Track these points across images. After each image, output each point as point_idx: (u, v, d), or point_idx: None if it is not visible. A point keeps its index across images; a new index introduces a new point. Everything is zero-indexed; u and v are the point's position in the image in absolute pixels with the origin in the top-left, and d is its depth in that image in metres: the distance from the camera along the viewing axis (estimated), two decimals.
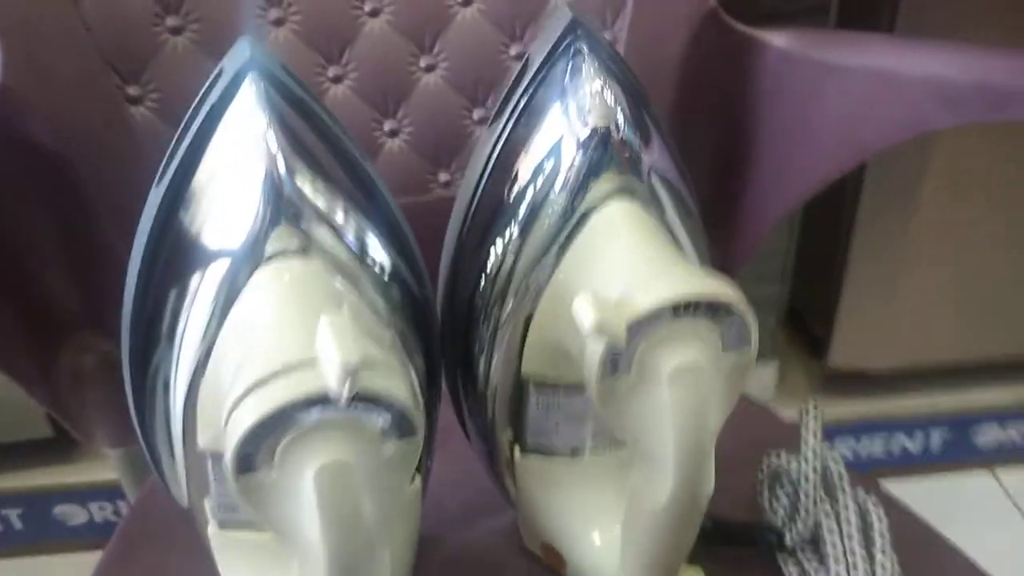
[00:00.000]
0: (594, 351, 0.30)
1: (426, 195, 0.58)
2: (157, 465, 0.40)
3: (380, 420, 0.28)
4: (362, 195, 0.36)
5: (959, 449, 1.11)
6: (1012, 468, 1.11)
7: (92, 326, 0.59)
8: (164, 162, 0.33)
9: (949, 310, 1.03)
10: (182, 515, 0.42)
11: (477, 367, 0.42)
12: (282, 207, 0.31)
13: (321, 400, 0.26)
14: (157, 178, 0.33)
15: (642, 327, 0.30)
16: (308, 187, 0.33)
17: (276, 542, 0.38)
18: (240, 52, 0.31)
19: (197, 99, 0.32)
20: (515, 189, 0.39)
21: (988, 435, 1.11)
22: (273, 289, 0.30)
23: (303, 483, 0.27)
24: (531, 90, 0.38)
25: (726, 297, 0.30)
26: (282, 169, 0.31)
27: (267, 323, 0.29)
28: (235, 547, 0.39)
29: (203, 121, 0.32)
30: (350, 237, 0.35)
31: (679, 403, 0.30)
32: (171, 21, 0.52)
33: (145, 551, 0.50)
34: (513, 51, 0.57)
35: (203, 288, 0.33)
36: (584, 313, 0.29)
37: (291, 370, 0.26)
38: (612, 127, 0.35)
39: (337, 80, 0.55)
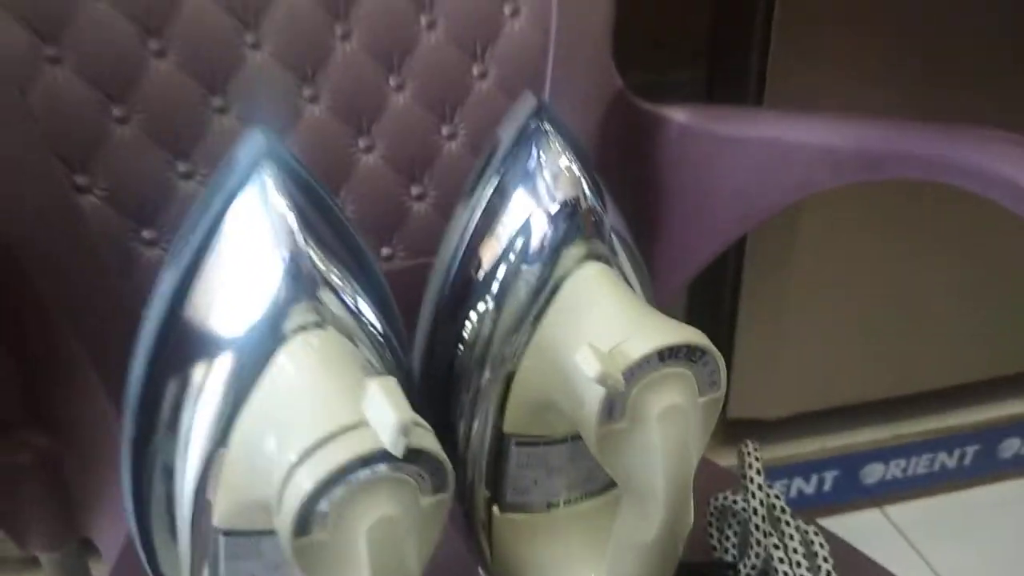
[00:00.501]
0: (594, 398, 0.34)
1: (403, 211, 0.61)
2: (149, 554, 0.40)
3: (419, 475, 0.30)
4: (355, 263, 0.39)
5: (849, 488, 1.20)
6: (898, 503, 1.20)
7: (32, 423, 0.58)
8: (177, 246, 0.35)
9: (831, 358, 1.12)
10: None
11: (457, 432, 0.45)
12: (303, 282, 0.34)
13: (377, 459, 0.28)
14: (168, 262, 0.35)
15: (635, 372, 0.34)
16: (320, 263, 0.35)
17: None
18: (255, 142, 0.34)
19: (210, 185, 0.35)
20: (488, 264, 0.42)
21: (874, 473, 1.20)
22: (306, 358, 0.32)
23: (355, 539, 0.29)
24: (502, 169, 0.42)
25: (702, 343, 0.34)
26: (303, 246, 0.34)
27: (307, 390, 0.31)
28: None
29: (220, 207, 0.34)
30: (351, 304, 0.37)
31: (667, 440, 0.34)
32: (117, 111, 0.53)
33: None
34: (475, 70, 0.62)
35: (214, 371, 0.34)
36: (588, 364, 0.33)
37: (345, 432, 0.29)
38: (580, 197, 0.39)
39: (313, 100, 0.58)
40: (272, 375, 0.33)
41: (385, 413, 0.28)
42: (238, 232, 0.34)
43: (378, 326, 0.39)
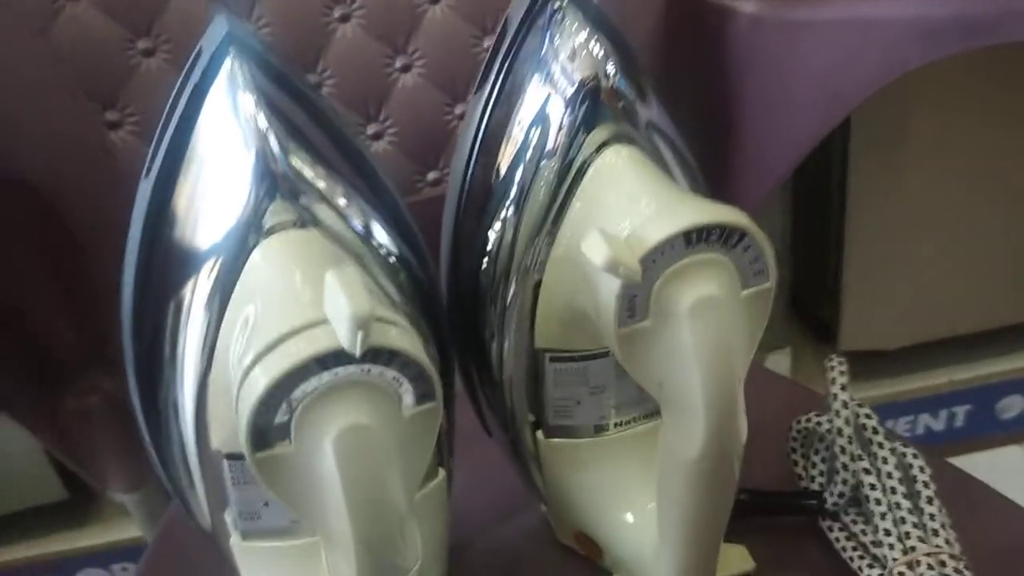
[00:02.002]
0: (609, 292, 0.29)
1: (416, 195, 0.57)
2: (177, 490, 0.39)
3: (396, 381, 0.26)
4: (362, 180, 0.35)
5: (984, 424, 1.09)
6: None
7: (95, 365, 0.59)
8: (151, 153, 0.32)
9: (954, 279, 1.02)
10: (204, 544, 0.41)
11: (490, 354, 0.41)
12: (277, 182, 0.30)
13: (334, 357, 0.25)
14: (144, 171, 0.32)
15: (656, 260, 0.29)
16: (306, 169, 0.32)
17: (300, 550, 0.37)
18: (217, 30, 0.31)
19: (178, 83, 0.32)
20: (505, 164, 0.38)
21: (1013, 408, 1.09)
22: (274, 259, 0.29)
23: (323, 452, 0.26)
24: (511, 55, 0.37)
25: (739, 222, 0.29)
26: (275, 146, 0.30)
27: (271, 292, 0.28)
28: (259, 557, 0.38)
29: (186, 106, 0.31)
30: (354, 221, 0.34)
31: (701, 338, 0.29)
32: (142, 44, 0.51)
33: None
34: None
35: (199, 287, 0.32)
36: (596, 251, 0.28)
37: (300, 331, 0.25)
38: (601, 76, 0.34)
39: (344, 19, 0.55)
40: (244, 281, 0.29)
41: (340, 306, 0.24)
42: (205, 136, 0.31)
43: (391, 245, 0.36)
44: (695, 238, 0.29)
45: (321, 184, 0.33)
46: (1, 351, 0.54)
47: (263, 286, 0.29)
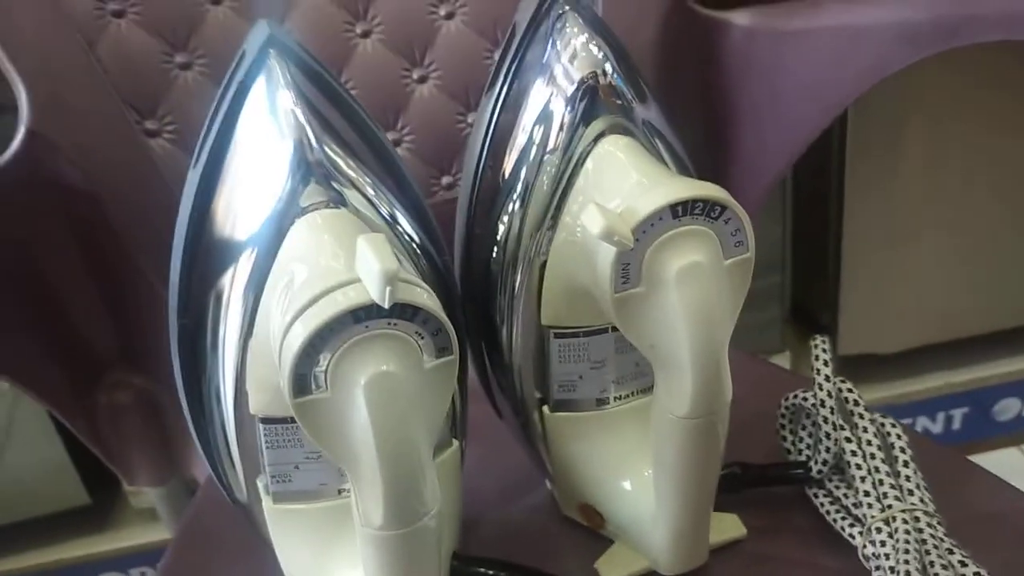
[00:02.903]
0: (606, 260, 0.33)
1: (431, 199, 0.61)
2: (213, 463, 0.42)
3: (418, 335, 0.30)
4: (387, 173, 0.39)
5: (981, 426, 1.11)
6: None
7: (128, 362, 0.62)
8: (198, 144, 0.36)
9: (950, 282, 1.04)
10: (231, 526, 0.44)
11: (500, 338, 0.45)
12: (312, 169, 0.34)
13: (365, 311, 0.29)
14: (193, 162, 0.36)
15: (646, 231, 0.32)
16: (339, 159, 0.36)
17: (328, 512, 0.41)
18: (259, 33, 0.35)
19: (224, 82, 0.36)
20: (511, 161, 0.42)
21: (1010, 410, 1.11)
22: (310, 232, 0.33)
23: (354, 397, 0.29)
24: (517, 60, 0.41)
25: (721, 197, 0.33)
26: (311, 137, 0.34)
27: (308, 259, 0.32)
28: (289, 520, 0.41)
29: (231, 102, 0.35)
30: (381, 208, 0.37)
31: (688, 301, 0.33)
32: (179, 58, 0.56)
33: (201, 558, 0.52)
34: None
35: (242, 262, 0.36)
36: (593, 221, 0.31)
37: (336, 288, 0.29)
38: (599, 73, 0.38)
39: (365, 35, 0.59)
40: (282, 256, 0.33)
41: (371, 265, 0.28)
42: (248, 129, 0.35)
43: (413, 234, 0.39)
44: (682, 210, 0.32)
45: (352, 173, 0.36)
46: (43, 345, 0.58)
47: (301, 255, 0.32)
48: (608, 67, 0.39)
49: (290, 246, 0.33)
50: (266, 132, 0.35)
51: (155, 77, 0.56)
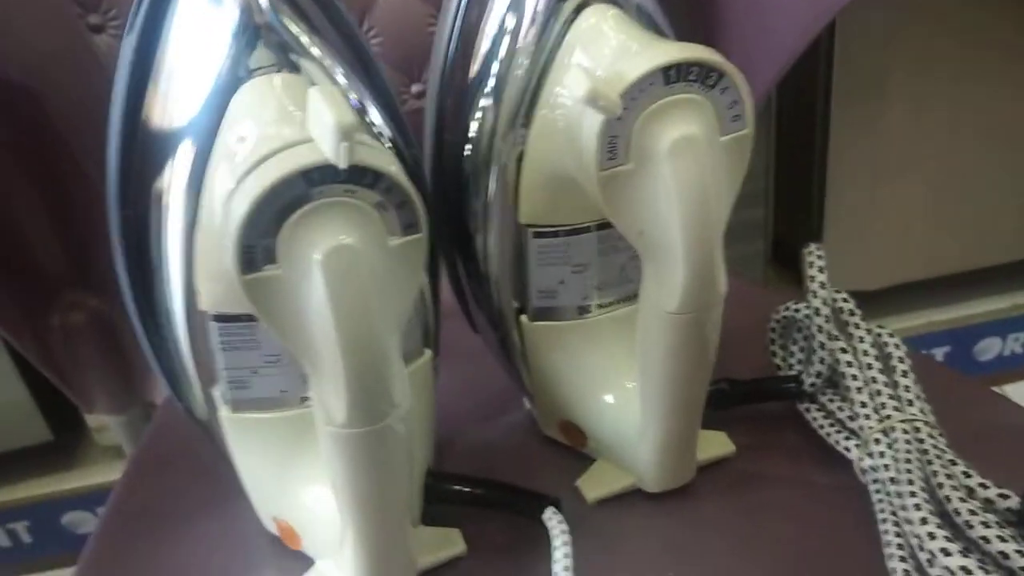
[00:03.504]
0: (591, 129, 0.29)
1: (402, 107, 0.58)
2: (169, 376, 0.39)
3: (382, 206, 0.27)
4: (357, 60, 0.36)
5: (962, 366, 1.10)
6: (1018, 381, 1.10)
7: (80, 282, 0.59)
8: (133, 7, 0.32)
9: (933, 220, 1.03)
10: (191, 442, 0.41)
11: (475, 245, 0.42)
12: (260, 31, 0.30)
13: (319, 172, 0.25)
14: (127, 28, 0.33)
15: (635, 97, 0.29)
16: (298, 32, 0.32)
17: (289, 421, 0.38)
18: None
19: None
20: (481, 52, 0.38)
21: (991, 349, 1.11)
22: (258, 95, 0.29)
23: (311, 274, 0.26)
24: None
25: (717, 61, 0.29)
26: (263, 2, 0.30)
27: (255, 124, 0.28)
28: (249, 430, 0.38)
29: None
30: (350, 94, 0.34)
31: (681, 177, 0.30)
32: None
33: (158, 475, 0.49)
34: None
35: (184, 140, 0.32)
36: (577, 83, 0.28)
37: (284, 149, 0.25)
38: None
39: None
40: (226, 124, 0.30)
41: (325, 119, 0.24)
42: None
43: (381, 124, 0.36)
44: (674, 75, 0.29)
45: (314, 50, 0.33)
46: None
47: (246, 121, 0.29)
48: None
49: (235, 112, 0.29)
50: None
51: None
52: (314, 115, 0.25)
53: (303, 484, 0.37)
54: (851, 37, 0.92)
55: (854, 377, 0.42)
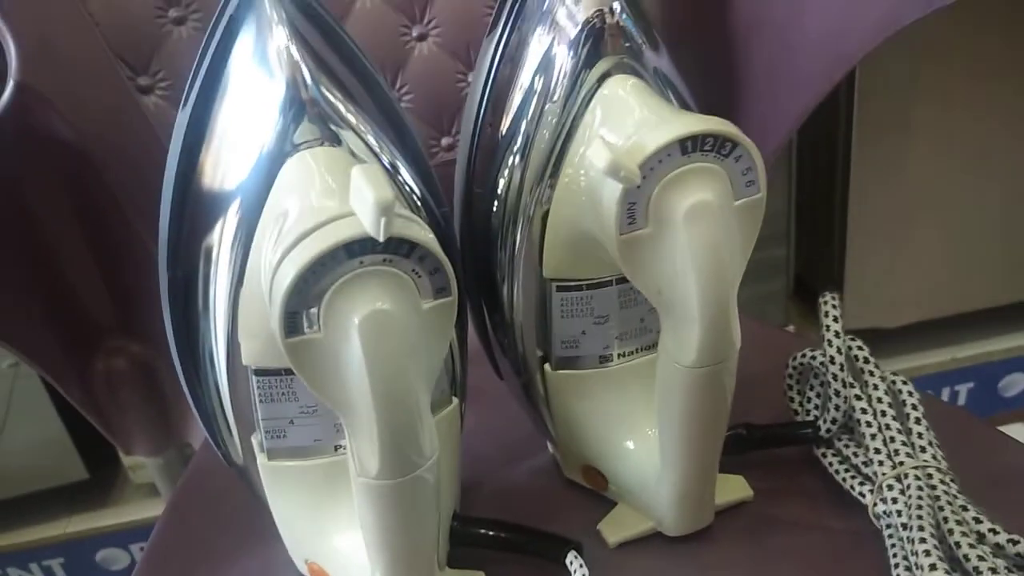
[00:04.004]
0: (611, 196, 0.31)
1: (432, 160, 0.60)
2: (208, 424, 0.41)
3: (415, 273, 0.29)
4: (387, 120, 0.37)
5: (987, 402, 1.10)
6: None
7: (125, 329, 0.61)
8: (188, 85, 0.35)
9: (955, 258, 1.04)
10: (229, 486, 0.43)
11: (501, 295, 0.43)
12: (305, 107, 0.33)
13: (359, 245, 0.27)
14: (182, 103, 0.35)
15: (653, 167, 0.31)
16: (336, 101, 0.34)
17: (323, 469, 0.40)
18: None
19: (214, 17, 0.34)
20: (512, 111, 0.40)
21: (1016, 384, 1.10)
22: (303, 169, 0.31)
23: (349, 337, 0.28)
24: (517, 6, 0.39)
25: (731, 132, 0.31)
26: (306, 75, 0.33)
27: (300, 198, 0.30)
28: (285, 477, 0.40)
29: (221, 38, 0.34)
30: (381, 155, 0.36)
31: (697, 241, 0.31)
32: (173, 12, 0.54)
33: (197, 515, 0.51)
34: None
35: (232, 206, 0.34)
36: (599, 155, 0.30)
37: (328, 223, 0.28)
38: (606, 12, 0.37)
39: None
40: (273, 196, 0.32)
41: (365, 196, 0.26)
42: (240, 68, 0.34)
43: (414, 186, 0.38)
44: (691, 146, 0.31)
45: (350, 117, 0.35)
46: (39, 309, 0.57)
47: (292, 194, 0.31)
48: (616, 5, 0.38)
49: (281, 185, 0.32)
50: (258, 70, 0.33)
51: (148, 31, 0.54)
52: (356, 191, 0.27)
53: (335, 528, 0.39)
54: (873, 76, 0.94)
55: (868, 424, 0.43)
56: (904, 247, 1.02)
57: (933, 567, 0.34)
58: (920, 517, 0.37)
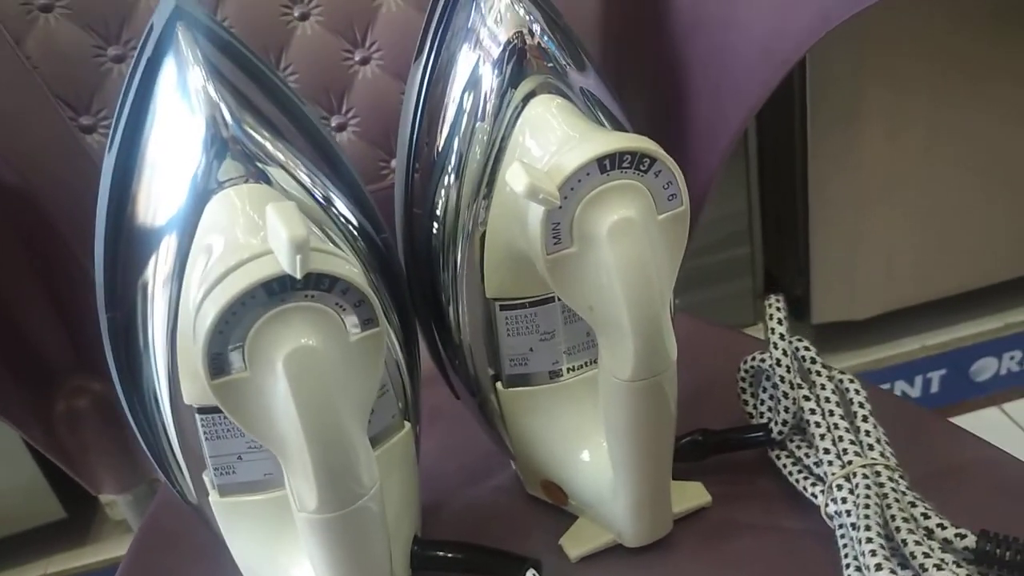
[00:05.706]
0: (535, 218, 0.32)
1: (381, 182, 0.60)
2: (161, 463, 0.41)
3: (339, 307, 0.29)
4: (320, 155, 0.38)
5: (960, 387, 1.11)
6: (1017, 399, 1.11)
7: (83, 368, 0.61)
8: (111, 128, 0.35)
9: (920, 244, 1.04)
10: (191, 522, 0.43)
11: (448, 316, 0.44)
12: (227, 144, 0.33)
13: (278, 283, 0.27)
14: (107, 147, 0.35)
15: (573, 187, 0.31)
16: (262, 140, 0.34)
17: (275, 502, 0.39)
18: (166, 5, 0.33)
19: (133, 59, 0.34)
20: (445, 131, 0.40)
21: (988, 369, 1.11)
22: (226, 207, 0.31)
23: (275, 374, 0.28)
24: (443, 24, 0.39)
25: (648, 148, 0.32)
26: (225, 113, 0.33)
27: (223, 236, 0.30)
28: (237, 513, 0.40)
29: (140, 80, 0.34)
30: (313, 189, 0.36)
31: (621, 258, 0.32)
32: (112, 51, 0.54)
33: (161, 552, 0.50)
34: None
35: (163, 247, 0.34)
36: (517, 179, 0.30)
37: (246, 262, 0.28)
38: (525, 33, 0.37)
39: (303, 18, 0.58)
40: (200, 234, 0.32)
41: (279, 234, 0.27)
42: (161, 109, 0.34)
43: (350, 215, 0.38)
44: (609, 164, 0.31)
45: (278, 154, 0.35)
46: None
47: (216, 232, 0.31)
48: (536, 28, 0.38)
49: (206, 224, 0.32)
50: (178, 110, 0.33)
51: (88, 71, 0.54)
52: (271, 230, 0.28)
53: (289, 561, 0.39)
54: (822, 66, 0.95)
55: (817, 424, 0.43)
56: (866, 237, 1.03)
57: (879, 567, 0.34)
58: (867, 516, 0.37)
